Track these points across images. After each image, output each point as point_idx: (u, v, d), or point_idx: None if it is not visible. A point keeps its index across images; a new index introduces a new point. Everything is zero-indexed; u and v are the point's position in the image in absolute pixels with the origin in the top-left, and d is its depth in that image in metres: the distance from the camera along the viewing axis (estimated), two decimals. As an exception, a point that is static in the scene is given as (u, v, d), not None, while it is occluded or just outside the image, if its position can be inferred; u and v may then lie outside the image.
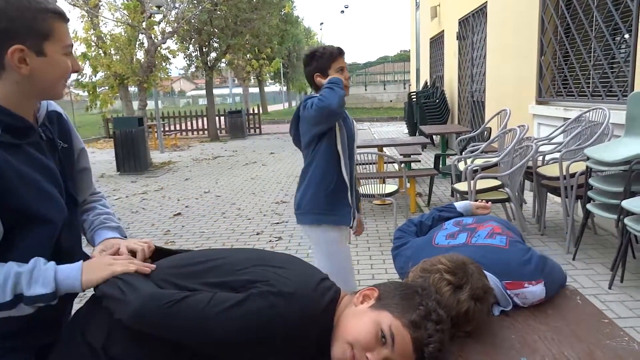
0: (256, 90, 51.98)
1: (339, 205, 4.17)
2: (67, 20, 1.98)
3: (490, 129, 11.86)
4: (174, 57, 22.07)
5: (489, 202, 3.45)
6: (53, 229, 2.02)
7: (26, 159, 1.94)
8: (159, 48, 19.11)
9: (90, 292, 2.02)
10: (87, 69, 21.11)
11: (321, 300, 1.92)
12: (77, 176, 2.34)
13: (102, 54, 21.26)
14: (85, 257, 2.14)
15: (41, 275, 1.88)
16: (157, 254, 2.25)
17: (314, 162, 4.22)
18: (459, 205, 3.35)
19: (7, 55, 1.83)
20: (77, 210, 2.30)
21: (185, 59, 27.99)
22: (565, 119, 8.81)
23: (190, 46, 26.05)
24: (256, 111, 30.39)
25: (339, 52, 4.13)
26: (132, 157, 16.22)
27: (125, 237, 2.39)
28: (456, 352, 2.08)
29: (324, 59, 4.09)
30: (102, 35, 21.91)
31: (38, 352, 2.07)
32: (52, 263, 1.94)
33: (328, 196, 4.17)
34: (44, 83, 1.94)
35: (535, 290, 2.47)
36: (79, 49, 22.57)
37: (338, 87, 3.99)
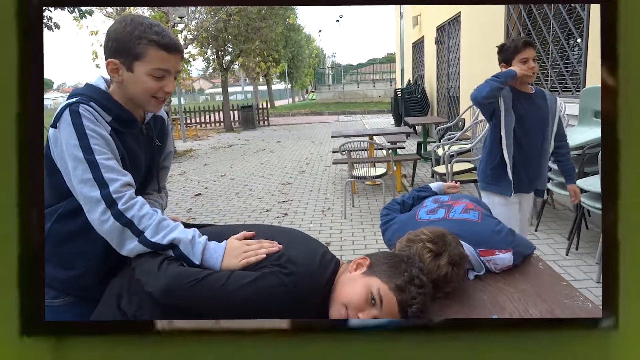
0: (264, 88, 51.79)
1: (499, 178, 4.14)
2: (169, 49, 2.07)
3: (464, 119, 11.86)
4: (194, 60, 21.98)
5: (458, 183, 3.50)
6: None
7: (122, 145, 2.10)
8: (181, 53, 19.07)
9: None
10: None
11: (324, 274, 1.95)
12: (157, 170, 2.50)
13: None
14: None
15: (194, 248, 1.96)
16: None
17: (487, 140, 4.25)
18: (434, 185, 3.40)
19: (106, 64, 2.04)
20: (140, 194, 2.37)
21: (204, 61, 27.94)
22: (528, 111, 8.81)
23: (208, 51, 26.00)
24: (265, 106, 30.38)
25: (524, 44, 3.95)
26: (159, 146, 16.18)
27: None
28: (437, 311, 2.09)
29: (509, 52, 3.98)
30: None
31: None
32: (204, 238, 2.02)
33: (492, 170, 4.17)
34: (131, 92, 2.10)
35: (505, 257, 2.50)
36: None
37: (495, 79, 3.95)
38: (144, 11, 19.83)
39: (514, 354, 1.77)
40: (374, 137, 10.67)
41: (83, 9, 15.53)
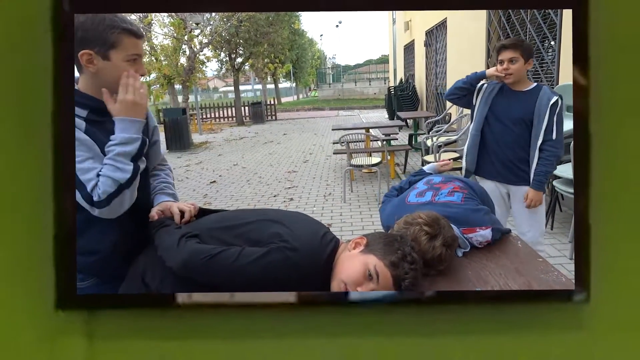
0: (272, 86, 51.63)
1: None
2: (138, 35, 2.06)
3: (450, 114, 11.85)
4: (209, 62, 22.10)
5: (450, 160, 3.56)
6: None
7: (105, 132, 2.03)
8: (197, 55, 19.06)
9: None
10: (143, 72, 21.08)
11: (324, 252, 1.98)
12: (150, 148, 2.38)
13: (154, 60, 21.17)
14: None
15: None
16: (201, 212, 2.29)
17: None
18: (427, 167, 3.45)
19: (78, 56, 1.92)
20: (147, 174, 2.36)
21: (218, 63, 27.92)
22: (508, 106, 8.81)
23: (222, 53, 25.97)
24: (272, 102, 30.36)
25: (500, 48, 3.84)
26: (177, 138, 16.20)
27: (177, 200, 2.41)
28: (427, 285, 2.10)
29: (495, 54, 4.00)
30: (154, 45, 21.82)
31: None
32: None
33: None
34: (109, 80, 2.02)
35: (485, 234, 2.55)
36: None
37: (463, 79, 4.02)
38: (164, 17, 19.84)
39: (496, 325, 1.79)
40: (370, 130, 10.68)
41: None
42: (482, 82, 4.08)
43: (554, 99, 3.94)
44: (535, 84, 4.07)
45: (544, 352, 1.75)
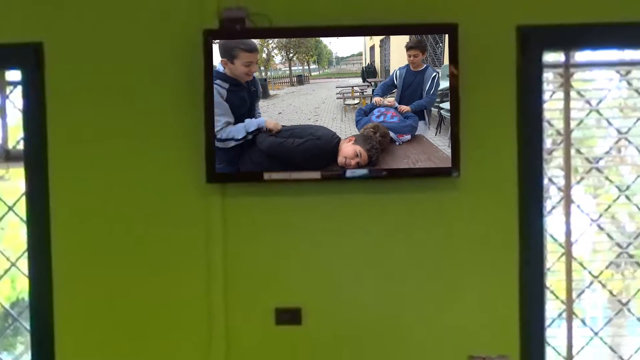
0: (307, 67, 50.43)
1: None
2: (249, 51, 1.95)
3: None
4: (276, 56, 21.23)
5: (393, 100, 3.35)
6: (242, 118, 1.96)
7: (235, 95, 1.92)
8: (270, 53, 18.38)
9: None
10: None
11: (333, 141, 1.96)
12: (256, 101, 2.20)
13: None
14: None
15: (253, 124, 1.91)
16: None
17: None
18: (386, 100, 3.24)
19: (221, 60, 1.83)
20: (254, 114, 2.23)
21: (280, 57, 26.98)
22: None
23: (282, 52, 25.10)
24: (307, 75, 29.29)
25: (410, 47, 3.57)
26: (262, 93, 15.82)
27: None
28: (382, 164, 2.00)
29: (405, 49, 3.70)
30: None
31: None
32: (252, 119, 1.96)
33: None
34: (236, 73, 1.88)
35: (407, 137, 2.40)
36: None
37: (389, 79, 3.65)
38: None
39: (415, 187, 1.84)
40: (354, 87, 10.41)
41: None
42: (394, 70, 3.73)
43: (434, 74, 3.62)
44: (425, 65, 3.73)
45: (440, 201, 1.77)
